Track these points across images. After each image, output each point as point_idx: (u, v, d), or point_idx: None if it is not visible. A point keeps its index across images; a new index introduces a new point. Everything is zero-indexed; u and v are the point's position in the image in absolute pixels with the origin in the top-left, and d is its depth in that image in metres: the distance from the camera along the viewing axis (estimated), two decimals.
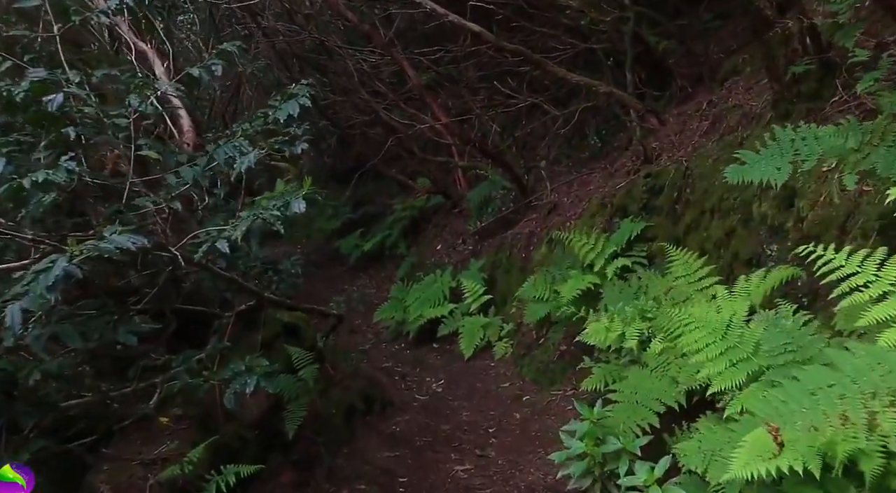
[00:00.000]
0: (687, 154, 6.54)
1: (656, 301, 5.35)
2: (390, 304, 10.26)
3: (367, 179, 15.21)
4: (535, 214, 9.35)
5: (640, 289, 5.79)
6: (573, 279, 6.71)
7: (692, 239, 6.03)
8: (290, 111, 4.30)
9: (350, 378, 6.04)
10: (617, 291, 6.14)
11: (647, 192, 6.65)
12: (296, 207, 3.98)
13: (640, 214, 6.75)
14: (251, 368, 4.21)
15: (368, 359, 9.40)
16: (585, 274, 6.74)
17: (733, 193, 5.41)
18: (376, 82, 11.22)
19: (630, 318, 5.23)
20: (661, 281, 5.46)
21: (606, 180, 8.21)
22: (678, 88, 8.41)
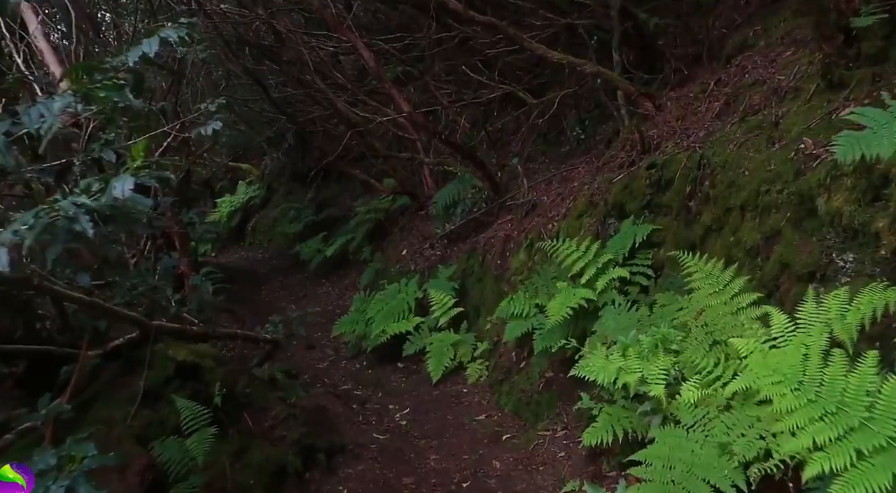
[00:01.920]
0: (700, 140, 5.02)
1: (680, 327, 3.81)
2: (350, 316, 8.63)
3: (331, 180, 13.55)
4: (511, 215, 7.79)
5: (652, 310, 4.24)
6: (562, 295, 5.15)
7: (714, 244, 4.51)
8: (147, 51, 2.68)
9: (285, 423, 4.44)
10: (620, 311, 4.60)
11: (651, 186, 5.12)
12: (119, 190, 2.37)
13: (643, 213, 5.22)
14: (62, 464, 2.52)
15: (324, 381, 7.78)
16: (576, 288, 5.19)
17: (777, 184, 3.89)
18: (334, 73, 9.57)
19: (647, 351, 3.68)
20: (687, 301, 3.91)
21: (594, 175, 6.68)
22: (672, 69, 6.89)
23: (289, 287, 12.18)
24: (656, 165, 5.10)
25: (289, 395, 4.90)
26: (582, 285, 5.19)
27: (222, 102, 4.25)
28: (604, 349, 4.29)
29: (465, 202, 8.53)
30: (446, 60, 10.33)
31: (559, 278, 5.59)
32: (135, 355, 3.61)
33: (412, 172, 11.08)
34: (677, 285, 4.73)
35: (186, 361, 3.71)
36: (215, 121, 4.08)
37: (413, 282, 8.19)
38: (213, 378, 3.81)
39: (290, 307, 10.95)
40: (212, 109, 4.26)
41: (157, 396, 3.55)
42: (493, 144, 9.79)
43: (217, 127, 4.05)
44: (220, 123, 4.07)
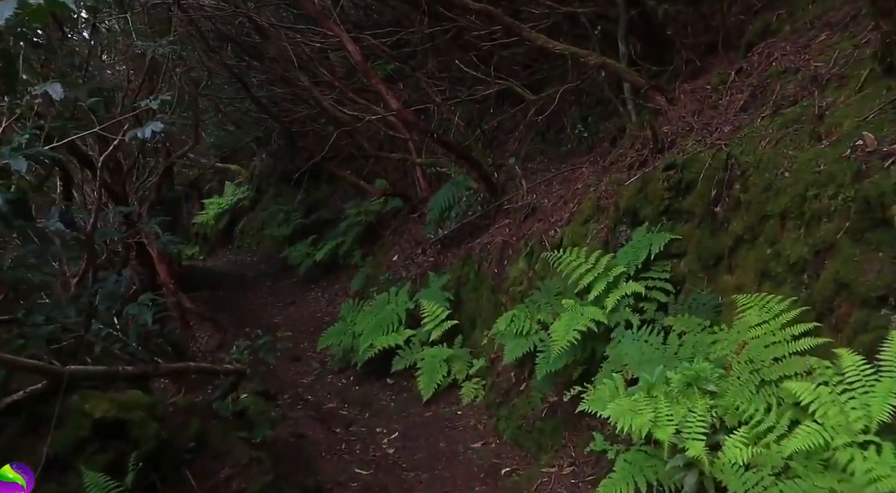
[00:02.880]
0: (725, 137, 4.29)
1: (717, 362, 3.08)
2: (338, 327, 7.89)
3: (322, 182, 12.81)
4: (508, 219, 7.06)
5: (681, 338, 3.51)
6: (568, 314, 4.42)
7: (745, 257, 3.79)
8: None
9: (246, 472, 3.72)
10: (640, 337, 3.87)
11: (670, 190, 4.39)
12: None
13: (660, 220, 4.49)
14: None
15: (307, 400, 7.05)
16: (584, 306, 4.46)
17: (829, 188, 3.17)
18: (320, 69, 8.82)
19: (678, 391, 2.96)
20: (725, 333, 3.18)
21: (599, 176, 5.95)
22: (683, 61, 6.17)
23: (277, 293, 11.44)
24: (675, 165, 4.37)
25: (254, 435, 4.16)
26: (590, 302, 4.46)
27: (166, 99, 3.52)
28: (621, 382, 3.57)
29: (459, 205, 7.80)
30: (439, 57, 9.60)
31: (564, 293, 4.86)
32: (41, 411, 2.84)
33: (404, 173, 10.35)
34: (702, 302, 4.02)
35: (107, 416, 2.94)
36: (156, 121, 3.36)
37: (404, 291, 7.45)
38: (144, 435, 3.05)
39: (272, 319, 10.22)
40: (153, 107, 3.53)
41: (66, 464, 2.76)
42: (489, 144, 9.05)
43: (157, 129, 3.33)
44: (160, 123, 3.35)
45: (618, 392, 3.58)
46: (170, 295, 9.63)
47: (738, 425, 2.76)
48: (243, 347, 4.47)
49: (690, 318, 3.71)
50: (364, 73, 6.92)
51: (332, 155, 11.81)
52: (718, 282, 4.02)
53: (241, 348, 4.46)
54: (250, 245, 13.85)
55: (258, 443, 4.13)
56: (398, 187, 9.90)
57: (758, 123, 4.15)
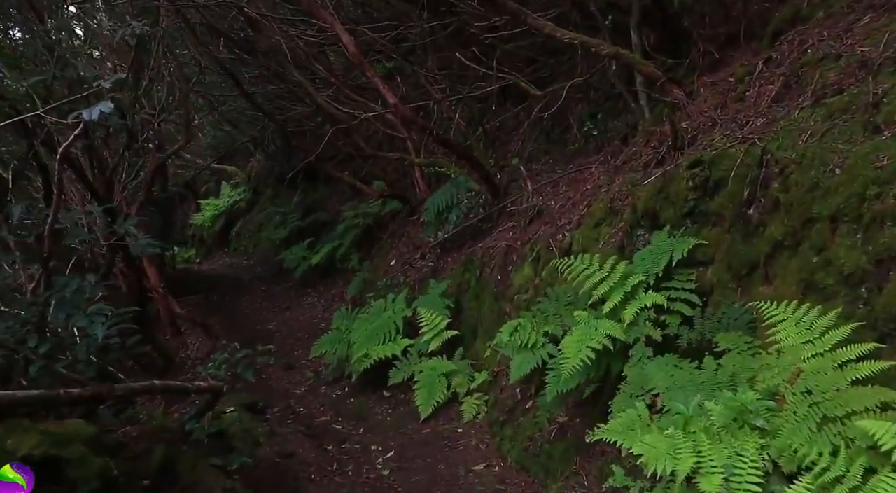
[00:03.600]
0: (758, 130, 3.77)
1: (765, 392, 2.55)
2: (332, 335, 7.36)
3: (319, 183, 12.30)
4: (512, 221, 6.54)
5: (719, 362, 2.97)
6: (580, 329, 3.90)
7: (786, 266, 3.27)
8: None
9: None
10: (668, 364, 3.34)
11: (695, 189, 3.86)
12: None
13: (683, 223, 3.97)
14: None
15: (299, 413, 6.53)
16: (599, 319, 3.93)
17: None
18: (315, 65, 8.30)
19: (720, 427, 2.43)
20: (774, 359, 2.64)
21: (611, 176, 5.44)
22: (700, 53, 5.65)
23: (272, 297, 10.92)
24: (702, 162, 3.85)
25: (230, 461, 3.64)
26: (605, 315, 3.94)
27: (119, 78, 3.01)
28: (645, 410, 3.05)
29: (459, 207, 7.27)
30: (439, 53, 9.09)
31: (575, 304, 4.34)
32: None
33: (403, 174, 9.84)
34: (734, 316, 3.50)
35: (34, 454, 2.43)
36: (106, 101, 2.84)
37: (401, 298, 6.92)
38: (84, 474, 2.52)
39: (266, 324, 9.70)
40: (106, 86, 3.02)
41: None
42: (491, 144, 8.54)
43: (106, 109, 2.81)
44: (111, 104, 2.84)
45: (641, 421, 3.07)
46: (160, 300, 9.13)
47: (797, 471, 2.24)
48: (220, 361, 3.95)
49: (729, 334, 3.18)
50: (360, 65, 6.41)
51: (330, 155, 11.33)
52: (753, 293, 3.49)
53: (217, 363, 3.94)
54: (246, 248, 13.33)
55: (235, 469, 3.61)
56: (397, 189, 9.39)
57: (796, 115, 3.63)
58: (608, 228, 4.83)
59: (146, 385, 3.25)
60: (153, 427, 3.65)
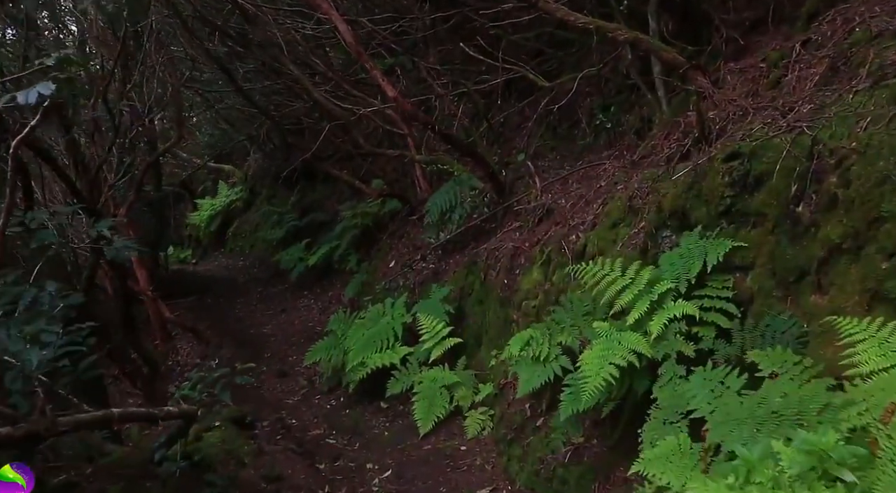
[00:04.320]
0: (805, 117, 3.25)
1: (850, 434, 2.03)
2: (327, 341, 6.85)
3: (317, 182, 11.77)
4: (518, 221, 6.03)
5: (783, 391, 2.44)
6: (601, 343, 3.39)
7: (846, 273, 2.75)
8: None
9: None
10: (712, 380, 2.82)
11: (733, 185, 3.34)
12: None
13: (718, 223, 3.45)
14: None
15: (291, 426, 6.02)
16: (622, 332, 3.42)
17: None
18: (312, 58, 7.79)
19: (796, 480, 1.91)
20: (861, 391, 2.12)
21: (628, 172, 4.92)
22: (723, 39, 5.13)
23: (267, 299, 10.40)
24: (740, 154, 3.33)
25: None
26: (629, 327, 3.42)
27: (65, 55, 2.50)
28: (685, 439, 2.55)
29: (462, 206, 6.75)
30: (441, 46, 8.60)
31: (594, 313, 3.82)
32: None
33: (403, 172, 9.31)
34: (780, 329, 2.98)
35: None
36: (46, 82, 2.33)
37: (400, 302, 6.41)
38: None
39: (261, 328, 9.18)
40: (49, 64, 2.49)
41: None
42: (496, 140, 8.02)
43: (45, 91, 2.29)
44: (51, 85, 2.32)
45: (681, 451, 2.57)
46: (149, 304, 8.61)
47: None
48: (195, 381, 3.42)
49: (783, 351, 2.67)
50: (358, 56, 5.90)
51: (328, 154, 10.80)
52: (802, 303, 2.98)
53: (192, 383, 3.42)
54: (243, 248, 12.81)
55: None
56: (396, 188, 8.87)
57: (850, 100, 3.12)
58: (627, 229, 4.31)
59: (99, 416, 2.72)
60: (113, 461, 3.14)
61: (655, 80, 5.31)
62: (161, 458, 3.29)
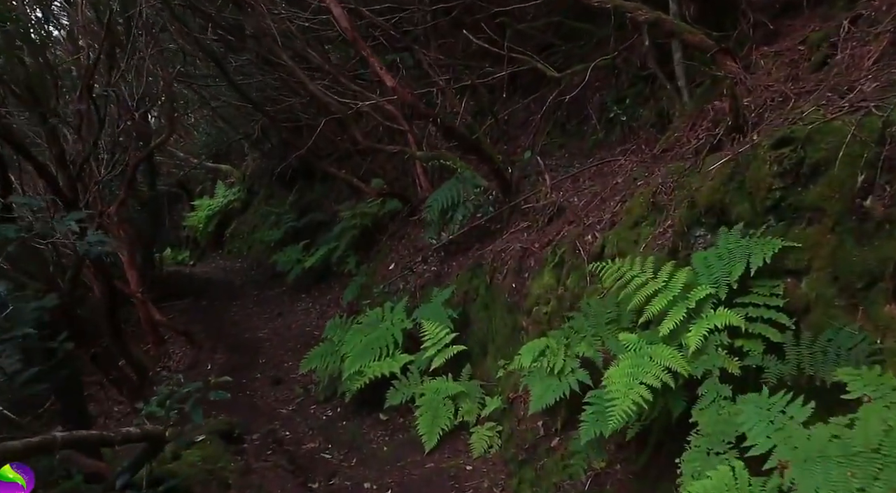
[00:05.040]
0: (871, 96, 2.76)
1: None
2: (323, 347, 6.32)
3: (315, 182, 11.27)
4: (527, 221, 5.53)
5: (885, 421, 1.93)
6: (629, 358, 2.88)
7: None
8: None
9: None
10: (769, 408, 2.31)
11: (783, 176, 2.84)
12: None
13: (765, 219, 2.95)
14: None
15: (284, 438, 5.51)
16: (654, 346, 2.91)
17: None
18: (308, 51, 7.29)
19: None
20: None
21: (648, 167, 4.43)
22: (749, 24, 4.64)
23: (264, 302, 9.89)
24: (792, 140, 2.82)
25: None
26: (662, 339, 2.92)
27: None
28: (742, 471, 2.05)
29: (466, 205, 6.26)
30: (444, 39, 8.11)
31: (619, 322, 3.32)
32: None
33: (403, 171, 8.81)
34: (845, 345, 2.48)
35: None
36: None
37: (400, 307, 5.90)
38: None
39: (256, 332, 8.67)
40: None
41: None
42: (500, 138, 7.52)
43: None
44: None
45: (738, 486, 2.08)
46: (140, 307, 8.11)
47: None
48: (163, 395, 2.92)
49: (863, 371, 2.16)
50: (353, 42, 5.41)
51: (327, 153, 10.31)
52: (873, 315, 2.48)
53: (159, 398, 2.91)
54: (240, 250, 12.30)
55: None
56: (396, 187, 8.37)
57: None
58: (650, 228, 3.81)
59: (35, 444, 2.23)
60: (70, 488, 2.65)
61: (676, 69, 4.81)
62: (124, 485, 2.79)
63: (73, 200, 6.30)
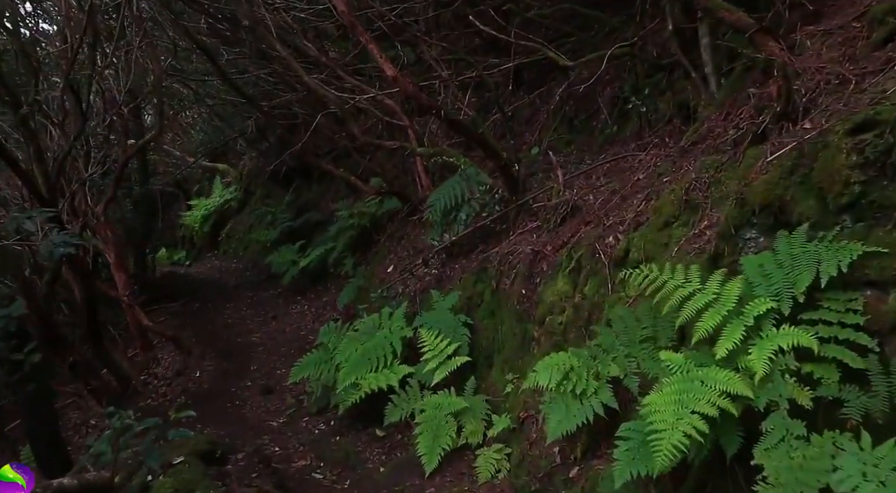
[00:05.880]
0: None
1: None
2: (316, 355, 5.74)
3: (313, 181, 10.70)
4: (536, 221, 4.97)
5: None
6: (676, 383, 2.33)
7: None
8: None
9: None
10: (889, 477, 1.76)
11: (864, 167, 2.29)
12: None
13: (838, 219, 2.40)
14: None
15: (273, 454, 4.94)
16: (705, 369, 2.35)
17: None
18: (304, 42, 6.73)
19: None
20: None
21: (676, 162, 3.87)
22: (785, 4, 4.08)
23: (258, 305, 9.31)
24: (877, 122, 2.27)
25: None
26: (717, 362, 2.36)
27: None
28: None
29: (470, 204, 5.70)
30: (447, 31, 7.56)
31: (658, 339, 2.76)
32: None
33: (403, 169, 8.24)
34: None
35: None
36: None
37: (399, 313, 5.34)
38: None
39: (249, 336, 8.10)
40: None
41: None
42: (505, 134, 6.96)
43: None
44: None
45: None
46: (127, 311, 7.53)
47: None
48: (113, 432, 2.35)
49: None
50: (350, 27, 4.86)
51: (325, 151, 9.76)
52: None
53: (108, 436, 2.34)
54: (236, 250, 11.72)
55: None
56: (396, 185, 7.80)
57: None
58: (684, 229, 3.26)
59: None
60: None
61: (702, 55, 4.26)
62: None
63: (50, 198, 5.75)
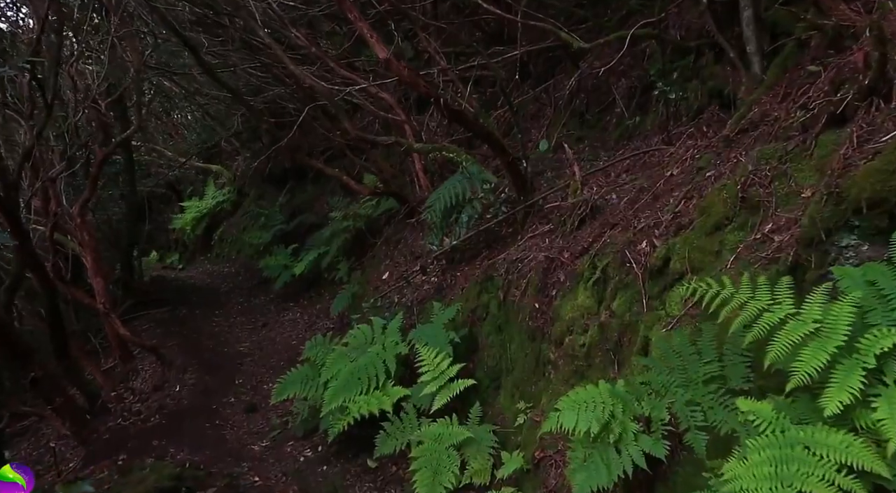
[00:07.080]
0: None
1: None
2: (302, 371, 5.00)
3: (307, 182, 9.97)
4: (549, 224, 4.26)
5: None
6: (766, 447, 1.60)
7: None
8: None
9: None
10: None
11: None
12: None
13: None
14: None
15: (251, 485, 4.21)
16: (809, 431, 1.63)
17: None
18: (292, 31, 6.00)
19: None
20: None
21: (722, 154, 3.15)
22: None
23: (249, 311, 8.58)
24: None
25: None
26: (831, 420, 1.64)
27: None
28: None
29: (473, 205, 4.98)
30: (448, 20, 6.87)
31: (729, 378, 2.04)
32: None
33: (400, 169, 7.52)
34: None
35: None
36: None
37: (394, 326, 4.60)
38: None
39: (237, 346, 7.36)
40: None
41: None
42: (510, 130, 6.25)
43: None
44: None
45: None
46: (104, 319, 6.79)
47: None
48: None
49: None
50: (340, 5, 4.14)
51: (319, 150, 9.06)
52: None
53: None
54: (229, 253, 10.99)
55: None
56: (393, 185, 7.08)
57: None
58: (740, 233, 2.55)
59: None
60: None
61: (744, 30, 3.55)
62: None
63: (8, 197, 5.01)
